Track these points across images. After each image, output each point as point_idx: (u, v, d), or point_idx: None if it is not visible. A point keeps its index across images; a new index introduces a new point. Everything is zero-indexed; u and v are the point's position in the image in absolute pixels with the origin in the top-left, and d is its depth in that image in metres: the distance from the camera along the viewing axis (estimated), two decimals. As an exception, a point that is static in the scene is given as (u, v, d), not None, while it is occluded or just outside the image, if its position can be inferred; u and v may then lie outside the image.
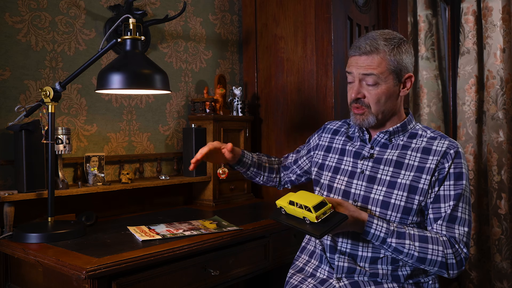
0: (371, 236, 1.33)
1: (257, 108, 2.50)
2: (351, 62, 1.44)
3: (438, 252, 1.31)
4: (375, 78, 1.39)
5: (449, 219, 1.35)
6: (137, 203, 2.07)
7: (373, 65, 1.39)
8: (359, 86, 1.43)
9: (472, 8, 3.17)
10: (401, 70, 1.42)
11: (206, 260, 1.53)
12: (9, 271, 1.56)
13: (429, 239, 1.33)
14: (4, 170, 1.71)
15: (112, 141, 2.03)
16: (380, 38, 1.40)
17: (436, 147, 1.41)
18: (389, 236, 1.32)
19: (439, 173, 1.38)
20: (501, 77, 3.03)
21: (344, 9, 2.29)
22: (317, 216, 1.26)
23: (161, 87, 1.62)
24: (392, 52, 1.39)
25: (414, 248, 1.31)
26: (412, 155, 1.43)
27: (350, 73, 1.45)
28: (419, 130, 1.49)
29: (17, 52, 1.74)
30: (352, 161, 1.50)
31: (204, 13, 2.43)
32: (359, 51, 1.40)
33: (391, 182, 1.41)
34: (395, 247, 1.32)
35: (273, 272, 2.14)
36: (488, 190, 3.10)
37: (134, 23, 1.58)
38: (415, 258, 1.32)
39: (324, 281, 1.45)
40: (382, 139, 1.48)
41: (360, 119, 1.45)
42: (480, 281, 3.20)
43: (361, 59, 1.40)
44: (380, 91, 1.41)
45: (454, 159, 1.38)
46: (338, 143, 1.59)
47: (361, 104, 1.44)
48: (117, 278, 1.29)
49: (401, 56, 1.41)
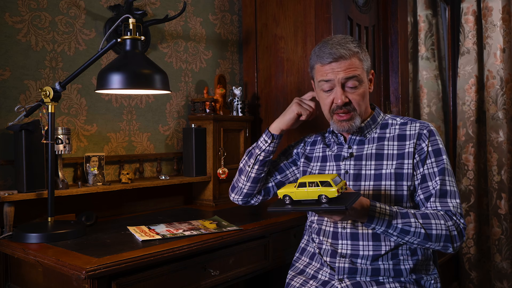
0: (375, 222, 1.30)
1: (257, 108, 2.50)
2: (326, 70, 1.43)
3: (441, 225, 1.32)
4: (356, 80, 1.42)
5: (440, 195, 1.38)
6: (137, 203, 2.07)
7: (353, 67, 1.42)
8: (343, 92, 1.44)
9: (472, 8, 3.17)
10: (369, 68, 1.48)
11: (206, 260, 1.53)
12: (9, 271, 1.56)
13: (430, 215, 1.34)
14: (4, 170, 1.71)
15: (112, 141, 2.03)
16: (348, 42, 1.43)
17: (410, 131, 1.46)
18: (394, 218, 1.30)
19: (419, 155, 1.42)
20: (501, 77, 3.03)
21: (344, 9, 2.29)
22: (338, 189, 1.17)
23: (161, 87, 1.62)
24: (362, 52, 1.45)
25: (420, 225, 1.31)
26: (389, 145, 1.47)
27: (328, 81, 1.44)
28: (389, 120, 1.53)
29: (17, 52, 1.75)
30: (335, 164, 1.52)
31: (204, 13, 2.43)
32: (334, 57, 1.41)
33: (377, 175, 1.43)
34: (402, 227, 1.30)
35: (273, 272, 2.14)
36: (488, 190, 3.10)
37: (134, 23, 1.58)
38: (422, 235, 1.31)
39: (326, 282, 1.45)
40: (357, 136, 1.51)
41: (348, 124, 1.46)
42: (480, 281, 3.19)
43: (340, 64, 1.41)
44: (361, 91, 1.45)
45: (430, 137, 1.44)
46: (318, 152, 1.61)
47: (348, 109, 1.45)
48: (117, 278, 1.29)
49: (366, 55, 1.47)
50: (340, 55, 1.40)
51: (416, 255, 1.42)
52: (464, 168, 3.20)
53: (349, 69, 1.41)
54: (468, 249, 3.19)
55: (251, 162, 1.62)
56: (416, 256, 1.42)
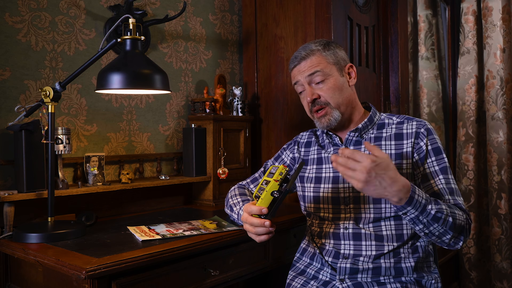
0: (413, 204, 1.21)
1: (257, 108, 2.50)
2: (294, 73, 1.54)
3: (462, 216, 1.31)
4: (320, 74, 1.48)
5: (450, 192, 1.38)
6: (137, 203, 2.07)
7: (314, 64, 1.49)
8: (311, 88, 1.51)
9: (472, 8, 3.17)
10: (339, 62, 1.52)
11: (206, 260, 1.53)
12: (9, 271, 1.56)
13: (452, 206, 1.32)
14: (4, 170, 1.71)
15: (112, 141, 2.03)
16: (310, 43, 1.54)
17: (407, 130, 1.47)
18: (429, 203, 1.24)
19: (417, 153, 1.43)
20: (501, 77, 3.03)
21: (344, 9, 2.29)
22: (276, 179, 1.28)
23: (161, 87, 1.62)
24: (324, 49, 1.51)
25: (449, 213, 1.27)
26: (387, 144, 1.47)
27: (297, 82, 1.54)
28: (385, 119, 1.54)
29: (17, 52, 1.75)
30: (332, 166, 1.51)
31: (204, 13, 2.43)
32: (297, 60, 1.52)
33: None
34: (434, 214, 1.24)
35: (273, 272, 2.14)
36: (488, 190, 3.10)
37: (134, 23, 1.58)
38: (449, 224, 1.26)
39: (327, 283, 1.45)
40: (354, 137, 1.52)
41: (326, 120, 1.50)
42: (480, 281, 3.20)
43: (302, 65, 1.51)
44: (331, 84, 1.49)
45: (428, 136, 1.44)
46: (313, 154, 1.61)
47: (320, 104, 1.50)
48: (117, 278, 1.28)
49: (333, 50, 1.52)
50: (301, 57, 1.51)
51: (417, 253, 1.42)
52: (464, 168, 3.20)
53: (310, 67, 1.49)
54: (468, 249, 3.19)
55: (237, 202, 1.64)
56: (417, 253, 1.42)
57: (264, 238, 1.34)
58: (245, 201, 1.59)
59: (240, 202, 1.59)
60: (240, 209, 1.56)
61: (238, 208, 1.58)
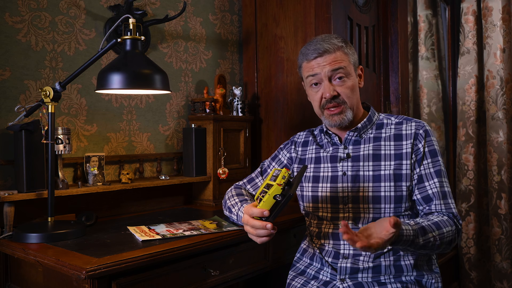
0: (402, 242, 1.22)
1: (257, 108, 2.50)
2: (313, 65, 1.46)
3: (451, 232, 1.33)
4: (342, 72, 1.44)
5: (443, 196, 1.39)
6: (137, 203, 2.07)
7: (339, 60, 1.44)
8: (331, 85, 1.45)
9: (472, 8, 3.17)
10: (356, 62, 1.49)
11: (206, 260, 1.53)
12: (9, 271, 1.56)
13: (440, 224, 1.32)
14: (4, 170, 1.71)
15: (112, 141, 2.03)
16: (331, 38, 1.46)
17: (406, 130, 1.47)
18: (417, 237, 1.25)
19: (416, 155, 1.43)
20: (501, 77, 3.03)
21: (344, 9, 2.29)
22: (279, 183, 1.27)
23: (161, 87, 1.62)
24: (347, 47, 1.47)
25: (437, 237, 1.29)
26: (386, 145, 1.46)
27: (314, 75, 1.46)
28: (384, 119, 1.53)
29: (17, 52, 1.75)
30: (331, 166, 1.51)
31: (204, 13, 2.43)
32: (318, 52, 1.44)
33: (375, 176, 1.42)
34: (423, 244, 1.26)
35: (273, 272, 2.13)
36: (488, 190, 3.10)
37: (134, 23, 1.58)
38: (436, 246, 1.29)
39: (327, 283, 1.45)
40: (353, 137, 1.51)
41: (339, 118, 1.46)
42: (480, 281, 3.20)
43: (325, 59, 1.44)
44: (350, 83, 1.46)
45: (426, 138, 1.45)
46: (311, 153, 1.60)
47: (338, 102, 1.46)
48: (117, 278, 1.28)
49: (352, 50, 1.49)
50: (324, 50, 1.44)
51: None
52: (464, 168, 3.20)
53: (335, 62, 1.43)
54: (468, 249, 3.19)
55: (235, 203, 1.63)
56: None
57: (265, 239, 1.35)
58: (243, 201, 1.59)
59: (238, 202, 1.59)
60: (239, 210, 1.55)
61: (236, 209, 1.57)
